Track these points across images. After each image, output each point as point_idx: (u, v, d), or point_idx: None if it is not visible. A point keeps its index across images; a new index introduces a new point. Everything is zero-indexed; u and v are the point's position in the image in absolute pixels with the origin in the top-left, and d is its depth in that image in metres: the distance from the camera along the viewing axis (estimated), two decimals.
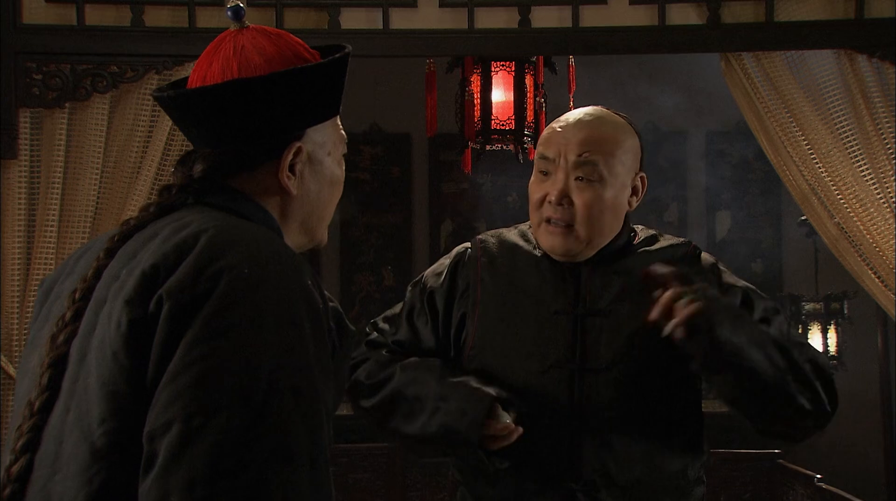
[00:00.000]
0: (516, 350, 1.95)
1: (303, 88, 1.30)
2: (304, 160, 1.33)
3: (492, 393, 1.88)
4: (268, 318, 1.14)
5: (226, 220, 1.24)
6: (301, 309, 1.17)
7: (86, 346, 1.20)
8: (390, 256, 5.99)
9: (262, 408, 1.11)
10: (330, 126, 1.36)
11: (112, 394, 1.15)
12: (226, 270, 1.15)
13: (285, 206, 1.34)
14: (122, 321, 1.16)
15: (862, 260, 3.28)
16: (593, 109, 1.99)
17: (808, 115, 3.28)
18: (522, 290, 1.99)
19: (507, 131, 4.20)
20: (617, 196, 1.94)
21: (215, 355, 1.11)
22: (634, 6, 3.33)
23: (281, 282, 1.17)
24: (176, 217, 1.26)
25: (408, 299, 2.11)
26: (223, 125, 1.29)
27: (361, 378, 2.04)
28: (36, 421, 1.21)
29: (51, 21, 3.24)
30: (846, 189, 3.26)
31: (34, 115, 3.23)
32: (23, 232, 3.20)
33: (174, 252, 1.18)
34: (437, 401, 1.91)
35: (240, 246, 1.18)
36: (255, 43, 1.31)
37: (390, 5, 3.32)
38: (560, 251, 1.95)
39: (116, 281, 1.21)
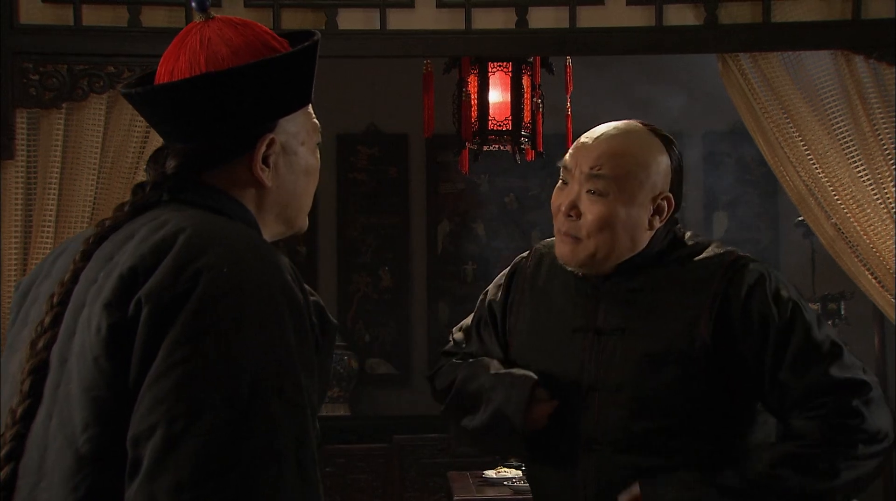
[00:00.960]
0: (540, 365, 1.94)
1: (273, 79, 1.27)
2: (277, 152, 1.30)
3: (533, 377, 1.90)
4: (249, 317, 1.13)
5: (202, 217, 1.23)
6: (282, 306, 1.16)
7: (66, 351, 1.19)
8: (388, 256, 5.99)
9: (246, 409, 1.10)
10: (302, 115, 1.34)
11: (94, 400, 1.14)
12: (204, 269, 1.13)
13: (261, 198, 1.31)
14: (102, 325, 1.14)
15: (859, 261, 3.28)
16: (624, 124, 1.93)
17: (805, 115, 3.28)
18: (552, 304, 1.98)
19: (504, 132, 4.20)
20: (631, 214, 1.87)
21: (197, 356, 1.10)
22: (631, 7, 3.33)
23: (261, 280, 1.16)
24: (151, 216, 1.24)
25: (476, 309, 2.13)
26: (194, 120, 1.27)
27: (436, 386, 2.09)
28: (19, 429, 1.19)
29: (48, 21, 3.24)
30: (843, 190, 3.26)
31: (31, 115, 3.22)
32: (20, 232, 3.20)
33: (151, 254, 1.16)
34: (488, 393, 1.93)
35: (218, 245, 1.17)
36: (222, 34, 1.28)
37: (387, 6, 3.32)
38: (568, 262, 1.92)
39: (94, 285, 1.19)
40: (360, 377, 5.84)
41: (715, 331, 1.83)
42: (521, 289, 2.04)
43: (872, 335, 5.35)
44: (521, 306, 2.02)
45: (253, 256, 1.18)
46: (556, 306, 1.98)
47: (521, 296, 2.03)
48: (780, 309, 1.84)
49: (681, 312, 1.86)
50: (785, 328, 1.83)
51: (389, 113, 5.84)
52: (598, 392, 1.88)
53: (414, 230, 6.00)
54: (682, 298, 1.88)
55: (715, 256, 1.90)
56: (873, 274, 3.26)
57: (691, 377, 1.83)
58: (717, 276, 1.87)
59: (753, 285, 1.85)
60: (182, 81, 1.26)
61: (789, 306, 1.84)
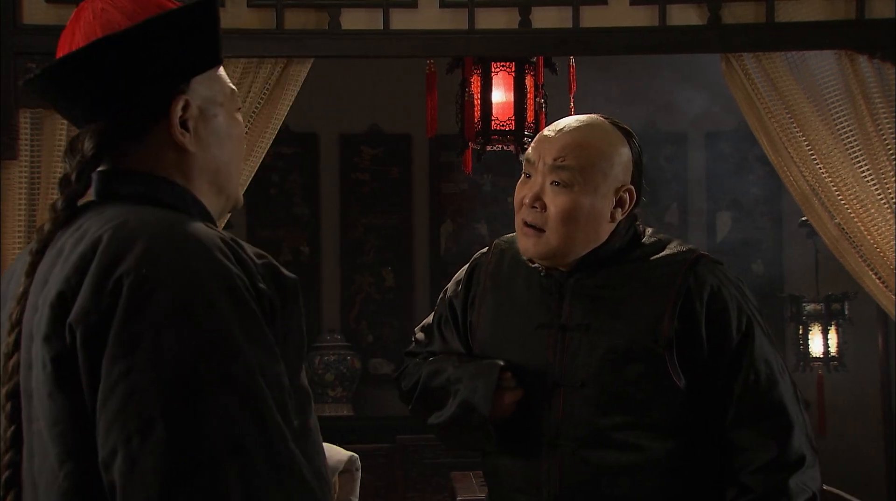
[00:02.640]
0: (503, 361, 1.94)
1: (171, 36, 1.23)
2: (195, 115, 1.26)
3: (499, 363, 1.90)
4: (177, 314, 1.09)
5: (121, 217, 1.17)
6: (213, 290, 1.11)
7: (28, 386, 1.16)
8: (390, 257, 5.99)
9: (195, 408, 1.06)
10: (215, 79, 1.29)
11: (61, 435, 1.12)
12: (123, 277, 1.10)
13: (188, 167, 1.26)
14: (46, 359, 1.12)
15: (862, 261, 3.28)
16: (586, 117, 1.95)
17: (808, 115, 3.27)
18: (514, 301, 1.99)
19: (508, 132, 4.19)
20: (594, 205, 1.88)
21: (133, 369, 1.07)
22: (635, 6, 3.33)
23: (184, 270, 1.11)
24: (76, 226, 1.21)
25: (437, 308, 2.13)
26: (100, 92, 1.22)
27: (402, 387, 2.09)
28: (11, 456, 1.17)
29: (51, 21, 3.24)
30: (847, 190, 3.25)
31: (34, 115, 3.22)
32: (23, 233, 3.20)
33: (75, 273, 1.13)
34: (454, 385, 1.93)
35: (135, 246, 1.12)
36: (116, 4, 1.24)
37: (390, 6, 3.32)
38: (531, 255, 1.93)
39: (36, 313, 1.16)
40: (363, 377, 5.85)
41: (678, 328, 1.85)
42: (482, 285, 2.04)
43: (876, 335, 5.35)
44: (483, 302, 2.03)
45: (172, 247, 1.13)
46: (519, 301, 1.98)
47: (482, 292, 2.03)
48: (738, 321, 1.88)
49: (645, 308, 1.88)
50: (739, 343, 1.87)
51: (392, 113, 5.84)
52: (562, 388, 1.89)
53: (417, 231, 6.00)
54: (645, 294, 1.89)
55: (678, 253, 1.92)
56: (877, 274, 3.26)
57: (655, 373, 1.85)
58: (680, 273, 1.88)
59: (717, 288, 1.88)
60: (80, 50, 1.22)
61: (744, 320, 1.88)
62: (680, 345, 1.85)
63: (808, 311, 5.36)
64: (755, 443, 1.85)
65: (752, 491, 1.83)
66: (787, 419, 1.86)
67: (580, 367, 1.88)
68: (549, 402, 1.89)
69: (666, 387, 1.85)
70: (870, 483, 5.20)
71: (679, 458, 1.87)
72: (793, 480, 1.83)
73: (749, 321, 1.88)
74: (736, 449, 1.86)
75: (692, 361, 1.86)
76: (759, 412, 1.86)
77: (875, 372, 5.39)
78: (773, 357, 1.90)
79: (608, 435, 1.86)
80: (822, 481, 1.92)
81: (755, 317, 1.90)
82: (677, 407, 1.87)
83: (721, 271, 1.92)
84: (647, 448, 1.86)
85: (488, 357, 1.96)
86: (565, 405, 1.88)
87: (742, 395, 1.86)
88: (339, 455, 3.15)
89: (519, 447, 1.92)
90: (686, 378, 1.86)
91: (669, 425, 1.87)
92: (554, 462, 1.88)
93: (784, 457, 1.84)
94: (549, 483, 1.88)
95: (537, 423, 1.90)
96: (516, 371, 1.92)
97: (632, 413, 1.86)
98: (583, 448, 1.86)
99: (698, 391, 1.87)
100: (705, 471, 1.90)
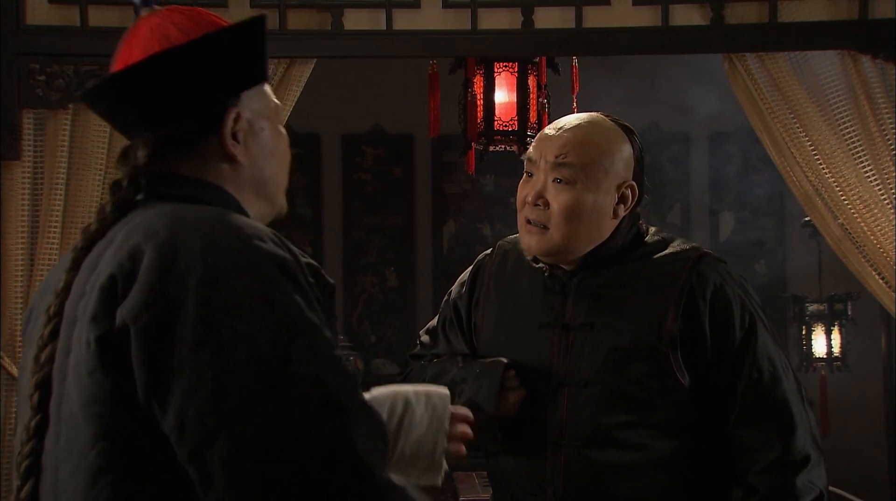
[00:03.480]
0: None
1: (225, 52, 1.29)
2: (245, 128, 1.31)
3: (503, 361, 1.90)
4: (250, 298, 1.13)
5: (174, 213, 1.22)
6: (275, 275, 1.16)
7: (65, 369, 1.19)
8: (393, 257, 5.99)
9: (291, 379, 1.11)
10: (263, 94, 1.35)
11: (98, 415, 1.14)
12: (188, 269, 1.13)
13: (238, 177, 1.32)
14: (91, 339, 1.14)
15: (865, 261, 3.27)
16: (587, 115, 1.96)
17: (811, 116, 3.27)
18: (518, 301, 1.99)
19: (510, 132, 4.19)
20: (597, 202, 1.89)
21: (220, 357, 1.10)
22: (638, 7, 3.32)
23: (245, 259, 1.16)
24: (127, 221, 1.25)
25: (441, 310, 2.13)
26: (156, 104, 1.28)
27: None
28: (34, 445, 1.20)
29: (54, 22, 3.24)
30: (850, 190, 3.25)
31: (37, 116, 3.22)
32: (26, 233, 3.20)
33: (129, 260, 1.16)
34: (459, 385, 1.93)
35: (195, 238, 1.16)
36: (172, 20, 1.31)
37: (393, 6, 3.32)
38: (536, 251, 1.93)
39: (83, 298, 1.19)
40: (366, 377, 5.84)
41: (682, 326, 1.86)
42: (486, 286, 2.04)
43: (879, 335, 5.33)
44: (487, 303, 2.03)
45: (230, 238, 1.17)
46: (523, 301, 1.98)
47: (486, 292, 2.04)
48: (741, 319, 1.88)
49: (648, 307, 1.88)
50: (742, 341, 1.87)
51: (395, 113, 5.84)
52: (566, 388, 1.89)
53: (419, 231, 5.99)
54: (649, 293, 1.89)
55: (681, 251, 1.93)
56: (880, 274, 3.25)
57: (659, 371, 1.85)
58: (683, 271, 1.89)
59: (720, 286, 1.89)
60: (138, 64, 1.27)
61: (747, 317, 1.89)
62: (684, 343, 1.86)
63: (811, 311, 5.36)
64: (759, 442, 1.85)
65: (759, 492, 1.83)
66: (790, 418, 1.86)
67: (584, 366, 1.88)
68: (554, 402, 1.89)
69: (670, 386, 1.85)
70: (873, 483, 5.19)
71: (683, 457, 1.88)
72: (799, 479, 1.83)
73: (752, 319, 1.89)
74: (740, 448, 1.86)
75: (696, 359, 1.87)
76: (763, 410, 1.86)
77: (878, 373, 5.38)
78: (777, 355, 1.90)
79: (612, 434, 1.86)
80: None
81: (758, 315, 1.91)
82: (681, 406, 1.87)
83: (724, 269, 1.93)
84: (651, 448, 1.86)
85: (493, 357, 1.96)
86: (569, 404, 1.88)
87: (745, 393, 1.86)
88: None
89: (523, 447, 1.92)
90: (690, 377, 1.86)
91: (674, 424, 1.87)
92: (558, 462, 1.88)
93: (789, 456, 1.83)
94: (553, 482, 1.88)
95: (542, 423, 1.90)
96: (520, 371, 1.92)
97: (636, 412, 1.86)
98: (587, 447, 1.86)
99: (702, 389, 1.88)
100: (709, 470, 1.90)
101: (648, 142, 2.04)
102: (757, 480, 1.84)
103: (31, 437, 1.20)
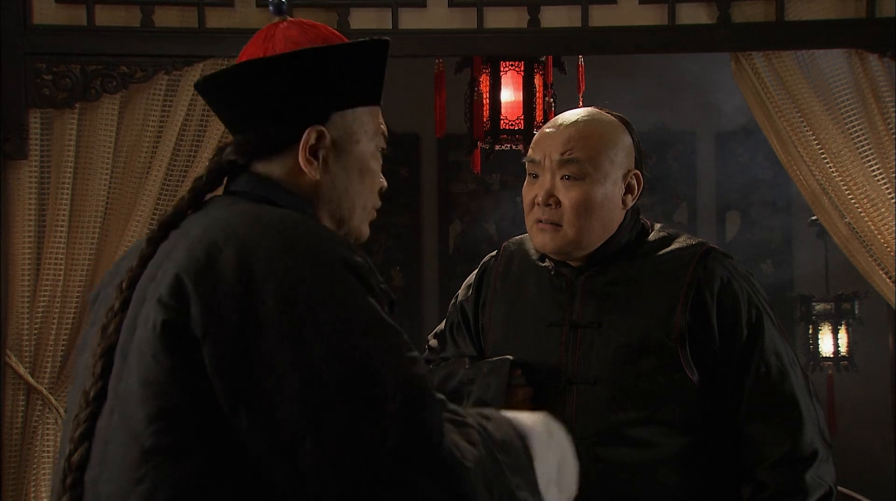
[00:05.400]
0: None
1: (323, 70, 1.31)
2: (328, 146, 1.33)
3: (509, 358, 1.91)
4: (328, 299, 1.14)
5: (251, 211, 1.24)
6: (351, 278, 1.17)
7: (127, 347, 1.21)
8: (399, 256, 5.99)
9: (372, 376, 1.12)
10: (366, 115, 1.38)
11: (157, 395, 1.16)
12: (268, 268, 1.15)
13: (314, 192, 1.34)
14: (157, 321, 1.16)
15: (873, 260, 3.26)
16: (582, 110, 1.97)
17: (818, 114, 3.26)
18: (526, 301, 2.00)
19: (517, 131, 4.19)
20: (606, 193, 1.90)
21: (302, 355, 1.12)
22: (644, 6, 3.32)
23: (323, 260, 1.17)
24: (203, 214, 1.27)
25: (448, 314, 2.14)
26: (249, 107, 1.31)
27: None
28: (92, 410, 1.22)
29: (61, 22, 3.25)
30: (857, 189, 3.24)
31: (44, 115, 3.23)
32: (33, 233, 3.21)
33: (205, 255, 1.17)
34: (467, 387, 1.94)
35: (273, 237, 1.18)
36: (286, 33, 1.34)
37: (399, 5, 3.32)
38: (550, 249, 1.93)
39: (153, 282, 1.21)
40: None
41: (690, 320, 1.86)
42: (493, 287, 2.05)
43: (886, 335, 5.33)
44: (494, 303, 2.03)
45: (308, 239, 1.19)
46: (531, 301, 1.99)
47: (492, 294, 2.04)
48: (748, 313, 1.89)
49: (657, 302, 1.89)
50: (749, 336, 1.88)
51: (401, 113, 5.81)
52: (576, 385, 1.89)
53: (425, 230, 6.00)
54: (657, 288, 1.90)
55: (687, 246, 1.93)
56: (887, 274, 3.25)
57: (668, 367, 1.86)
58: (690, 266, 1.89)
59: (727, 281, 1.89)
60: (233, 66, 1.33)
61: (753, 312, 1.89)
62: (692, 338, 1.86)
63: (818, 311, 5.35)
64: (768, 437, 1.85)
65: (769, 487, 1.83)
66: (798, 413, 1.86)
67: (593, 363, 1.89)
68: (563, 400, 1.90)
69: (679, 381, 1.86)
70: (880, 482, 5.18)
71: (693, 455, 1.88)
72: (809, 474, 1.83)
73: (759, 314, 1.89)
74: (749, 444, 1.86)
75: (704, 354, 1.87)
76: (771, 405, 1.86)
77: (885, 372, 5.37)
78: (784, 349, 1.90)
79: (622, 432, 1.86)
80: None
81: (765, 309, 1.91)
82: (690, 402, 1.87)
83: (731, 263, 1.93)
84: (660, 445, 1.86)
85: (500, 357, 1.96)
86: (579, 402, 1.88)
87: (753, 388, 1.86)
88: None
89: None
90: (698, 372, 1.86)
91: (683, 420, 1.87)
92: None
93: (797, 451, 1.84)
94: None
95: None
96: (529, 369, 1.92)
97: (645, 408, 1.86)
98: (597, 445, 1.86)
99: (711, 385, 1.87)
100: (719, 467, 1.89)
101: (654, 141, 2.05)
102: (766, 475, 1.84)
103: (90, 403, 1.22)
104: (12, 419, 3.19)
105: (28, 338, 3.18)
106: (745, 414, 1.87)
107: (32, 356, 3.18)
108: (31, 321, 3.18)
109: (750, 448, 1.86)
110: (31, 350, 3.18)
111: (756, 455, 1.86)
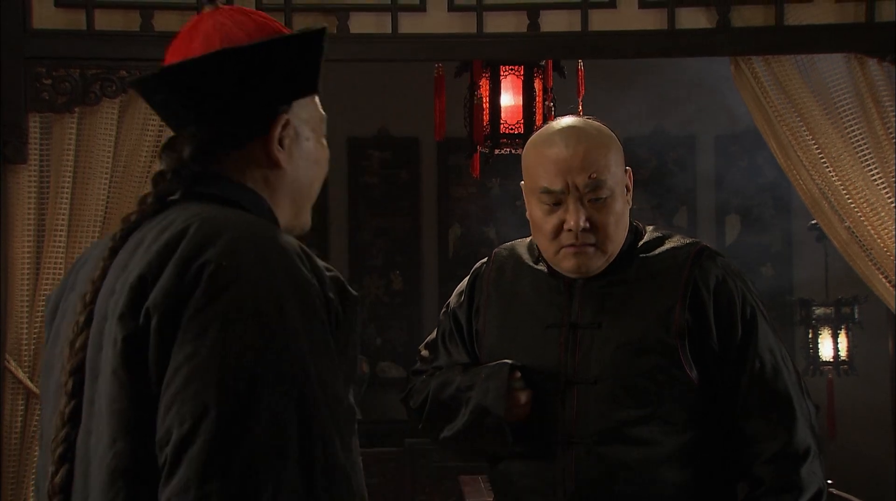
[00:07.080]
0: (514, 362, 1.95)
1: (285, 59, 1.30)
2: (291, 135, 1.32)
3: (507, 362, 1.91)
4: (247, 309, 1.12)
5: (207, 213, 1.22)
6: (288, 293, 1.14)
7: (96, 366, 1.19)
8: (399, 260, 5.99)
9: (247, 402, 1.09)
10: (312, 104, 1.36)
11: (118, 413, 1.14)
12: (205, 266, 1.14)
13: (275, 182, 1.32)
14: (118, 337, 1.15)
15: (873, 264, 3.26)
16: (571, 123, 1.94)
17: (818, 119, 3.26)
18: (522, 305, 1.99)
19: (516, 135, 4.20)
20: (623, 202, 1.94)
21: (198, 354, 1.10)
22: (644, 10, 3.32)
23: (261, 269, 1.15)
24: (160, 218, 1.25)
25: (440, 323, 2.13)
26: (210, 100, 1.27)
27: (411, 406, 2.07)
28: (68, 431, 1.20)
29: (60, 26, 3.25)
30: (856, 193, 3.24)
31: (44, 119, 3.23)
32: (32, 237, 3.21)
33: (157, 258, 1.17)
34: (466, 393, 1.94)
35: (219, 239, 1.16)
36: (235, 20, 1.31)
37: (399, 10, 3.32)
38: (591, 271, 1.92)
39: (112, 296, 1.20)
40: (372, 380, 5.85)
41: (689, 318, 1.88)
42: (485, 293, 2.04)
43: (886, 338, 5.32)
44: (488, 309, 2.03)
45: (254, 246, 1.17)
46: (527, 304, 1.99)
47: (485, 300, 2.04)
48: (743, 311, 1.91)
49: (655, 301, 1.90)
50: (744, 333, 1.89)
51: (401, 117, 5.85)
52: (576, 386, 1.90)
53: (425, 234, 6.00)
54: (654, 287, 1.91)
55: (682, 245, 1.95)
56: (887, 278, 3.25)
57: (668, 364, 1.87)
58: (686, 265, 1.91)
59: (722, 279, 1.91)
60: (202, 57, 1.27)
61: (748, 310, 1.91)
62: (691, 336, 1.88)
63: (817, 315, 5.35)
64: (763, 433, 1.87)
65: (765, 483, 1.85)
66: (791, 408, 1.88)
67: (593, 363, 1.89)
68: (563, 401, 1.90)
69: (679, 379, 1.87)
70: (879, 487, 5.18)
71: (693, 453, 1.89)
72: (804, 470, 1.85)
73: (753, 311, 1.92)
74: (745, 440, 1.88)
75: (702, 351, 1.89)
76: (766, 401, 1.88)
77: (885, 376, 5.37)
78: (777, 346, 1.93)
79: (623, 431, 1.87)
80: (832, 484, 1.93)
81: (758, 307, 1.93)
82: (690, 400, 1.89)
83: (723, 261, 1.96)
84: (661, 443, 1.87)
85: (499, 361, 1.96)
86: (579, 402, 1.89)
87: (749, 385, 1.88)
88: None
89: (533, 448, 1.92)
90: (697, 370, 1.88)
91: (683, 418, 1.88)
92: (569, 461, 1.88)
93: (792, 447, 1.86)
94: (564, 482, 1.88)
95: (551, 423, 1.90)
96: (528, 372, 1.92)
97: (646, 407, 1.87)
98: (598, 444, 1.87)
99: (709, 382, 1.89)
100: (718, 466, 1.90)
101: (654, 145, 2.05)
102: (762, 471, 1.85)
103: (66, 423, 1.20)
104: (11, 424, 3.18)
105: (27, 343, 3.18)
106: (742, 411, 1.88)
107: (31, 360, 3.18)
108: (30, 325, 3.18)
109: (746, 443, 1.88)
110: (30, 355, 3.18)
111: (752, 450, 1.87)
